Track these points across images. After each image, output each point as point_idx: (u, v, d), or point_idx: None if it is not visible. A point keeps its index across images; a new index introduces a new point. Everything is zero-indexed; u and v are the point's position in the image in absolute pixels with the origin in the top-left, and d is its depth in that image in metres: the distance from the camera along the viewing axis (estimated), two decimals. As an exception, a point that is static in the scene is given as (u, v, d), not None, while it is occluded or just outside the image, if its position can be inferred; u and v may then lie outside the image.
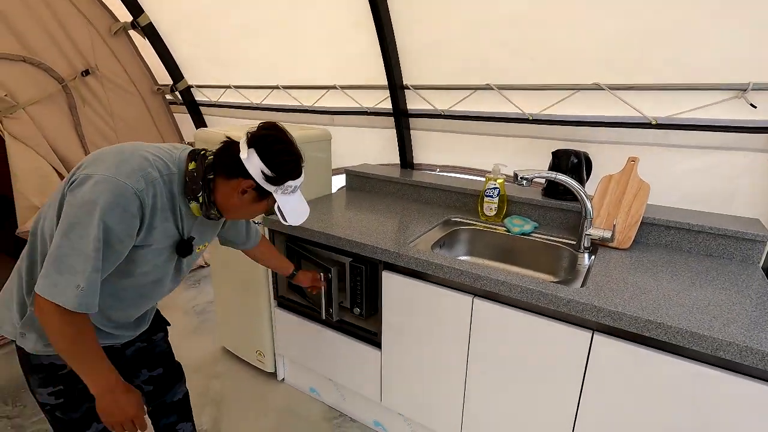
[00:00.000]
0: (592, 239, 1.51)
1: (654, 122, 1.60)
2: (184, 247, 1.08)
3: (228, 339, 2.27)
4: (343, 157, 2.52)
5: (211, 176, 1.03)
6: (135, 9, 2.62)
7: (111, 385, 0.98)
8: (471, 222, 1.80)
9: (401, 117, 2.15)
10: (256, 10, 2.29)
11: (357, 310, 1.68)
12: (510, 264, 1.72)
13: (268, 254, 1.53)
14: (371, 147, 2.51)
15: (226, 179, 1.03)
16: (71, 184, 0.93)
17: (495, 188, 1.74)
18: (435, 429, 1.59)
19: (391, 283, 1.52)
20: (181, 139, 3.12)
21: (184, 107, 3.10)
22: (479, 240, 1.77)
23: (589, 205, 1.48)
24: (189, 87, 3.01)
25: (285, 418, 1.89)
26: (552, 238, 1.64)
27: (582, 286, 1.24)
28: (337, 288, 1.66)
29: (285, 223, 1.12)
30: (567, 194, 1.73)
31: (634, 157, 1.58)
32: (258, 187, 1.03)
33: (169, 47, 2.83)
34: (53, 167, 2.36)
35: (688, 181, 1.64)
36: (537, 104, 1.85)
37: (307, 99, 2.54)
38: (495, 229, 1.74)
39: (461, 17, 1.77)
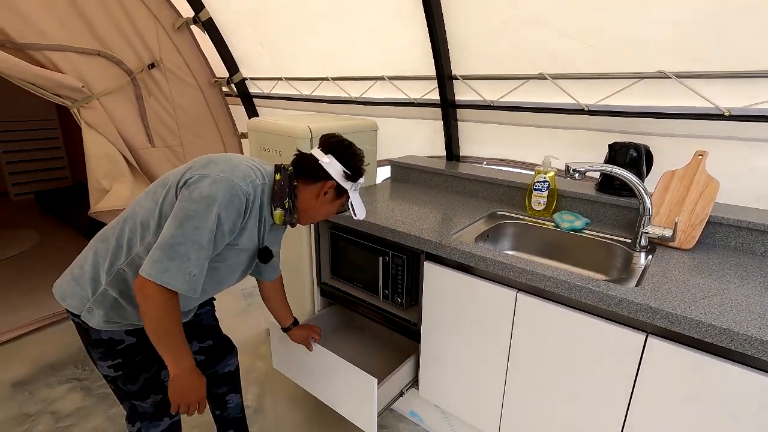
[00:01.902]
0: (650, 238, 1.41)
1: (727, 113, 1.47)
2: (264, 254, 1.22)
3: (273, 322, 2.35)
4: (389, 148, 2.52)
5: (295, 184, 1.19)
6: (197, 5, 2.76)
7: (189, 368, 1.07)
8: (518, 216, 1.75)
9: (449, 108, 2.12)
10: (308, 4, 2.33)
11: (397, 300, 1.68)
12: (557, 260, 1.65)
13: (278, 296, 1.54)
14: (417, 138, 2.50)
15: (309, 184, 1.19)
16: (185, 182, 1.04)
17: (545, 182, 1.67)
18: (472, 423, 1.57)
19: (432, 274, 1.51)
20: (235, 129, 3.26)
21: (238, 99, 3.23)
22: (526, 235, 1.71)
23: (648, 201, 1.39)
24: (243, 79, 3.13)
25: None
26: (605, 235, 1.55)
27: (637, 285, 1.17)
28: (382, 275, 1.67)
29: (355, 218, 1.29)
30: (623, 189, 1.63)
31: (702, 151, 1.46)
32: (338, 187, 1.20)
33: (226, 41, 2.95)
34: (121, 153, 2.55)
35: (766, 178, 1.49)
36: (593, 94, 1.75)
37: (355, 90, 2.56)
38: (543, 224, 1.68)
39: (514, 4, 1.71)
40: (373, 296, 1.78)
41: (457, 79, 2.06)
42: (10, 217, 4.27)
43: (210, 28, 2.86)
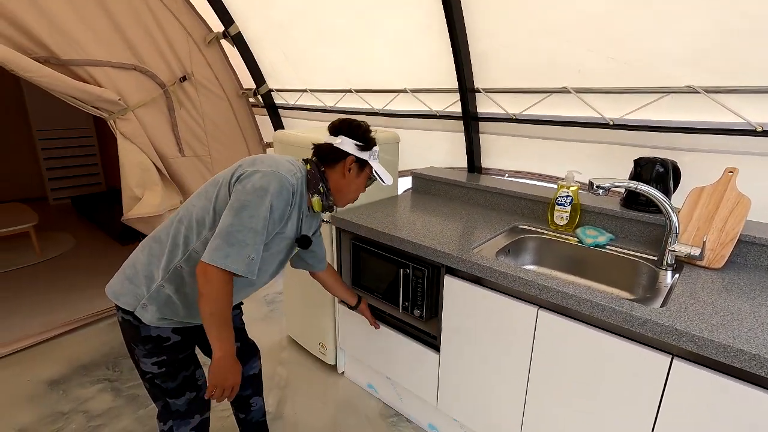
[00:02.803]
0: (676, 256, 1.38)
1: (759, 129, 1.43)
2: (304, 241, 1.31)
3: (294, 329, 2.40)
4: (410, 159, 2.54)
5: (323, 169, 1.30)
6: (226, 20, 2.86)
7: (231, 351, 1.14)
8: (540, 230, 1.73)
9: (470, 120, 2.13)
10: (333, 18, 2.39)
11: (417, 312, 1.69)
12: (580, 276, 1.63)
13: (335, 281, 1.70)
14: (438, 150, 2.51)
15: (333, 167, 1.31)
16: (238, 178, 1.15)
17: (568, 196, 1.66)
18: (491, 440, 1.56)
19: (452, 288, 1.51)
20: (260, 138, 3.35)
21: (264, 109, 3.32)
22: (548, 250, 1.70)
23: (675, 218, 1.36)
24: (270, 91, 3.22)
25: (343, 410, 1.96)
26: (630, 252, 1.53)
27: (662, 306, 1.15)
28: (402, 287, 1.69)
29: (384, 183, 1.38)
30: (649, 206, 1.60)
31: (732, 167, 1.42)
32: (357, 159, 1.31)
33: (254, 54, 3.05)
34: (153, 162, 2.65)
35: (801, 196, 1.44)
36: (618, 108, 1.74)
37: (377, 102, 2.60)
38: (565, 239, 1.67)
39: (537, 18, 1.71)
40: (393, 307, 1.80)
41: (479, 92, 2.07)
42: (49, 221, 4.48)
43: (239, 41, 2.96)
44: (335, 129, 1.33)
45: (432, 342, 1.67)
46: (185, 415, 1.29)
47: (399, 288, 1.71)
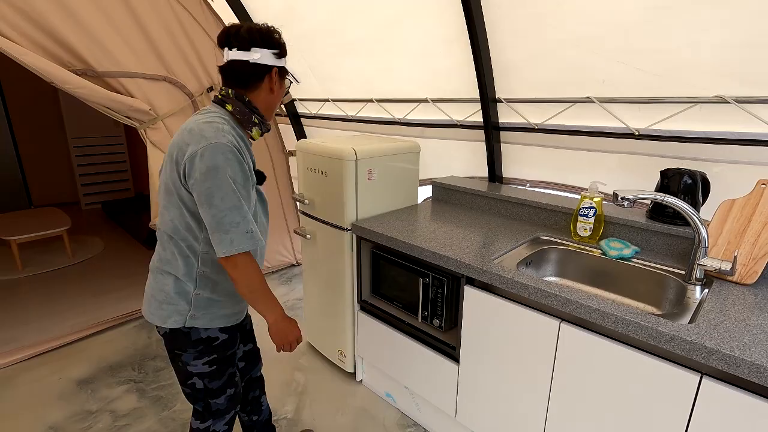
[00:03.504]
0: (706, 270, 1.34)
1: (794, 140, 1.38)
2: (260, 176, 1.28)
3: (313, 335, 2.42)
4: (430, 167, 2.55)
5: (247, 99, 1.18)
6: (252, 32, 2.94)
7: (282, 313, 1.24)
8: (562, 241, 1.71)
9: (492, 130, 2.12)
10: (356, 30, 2.43)
11: (436, 322, 1.69)
12: (603, 289, 1.60)
13: None
14: (458, 159, 2.51)
15: (258, 88, 1.19)
16: (186, 175, 1.10)
17: (591, 207, 1.63)
18: (511, 454, 1.54)
19: (472, 299, 1.51)
20: (282, 146, 3.41)
21: (287, 119, 3.39)
22: (570, 261, 1.67)
23: (704, 231, 1.32)
24: (293, 100, 3.29)
25: (361, 418, 1.96)
26: (656, 265, 1.49)
27: (690, 322, 1.12)
28: (422, 297, 1.69)
29: (298, 83, 1.33)
30: (677, 218, 1.56)
31: (765, 180, 1.38)
32: (279, 69, 1.21)
33: (278, 65, 3.12)
34: (180, 170, 2.74)
35: (839, 210, 1.38)
36: (644, 118, 1.71)
37: (398, 111, 2.63)
38: (589, 251, 1.64)
39: (562, 30, 1.70)
40: (412, 317, 1.80)
41: (501, 102, 2.07)
42: (80, 225, 4.66)
43: (264, 53, 3.04)
44: (246, 40, 1.13)
45: (451, 353, 1.66)
46: (224, 412, 1.35)
47: (418, 298, 1.71)
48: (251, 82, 1.18)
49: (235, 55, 1.14)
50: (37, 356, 2.36)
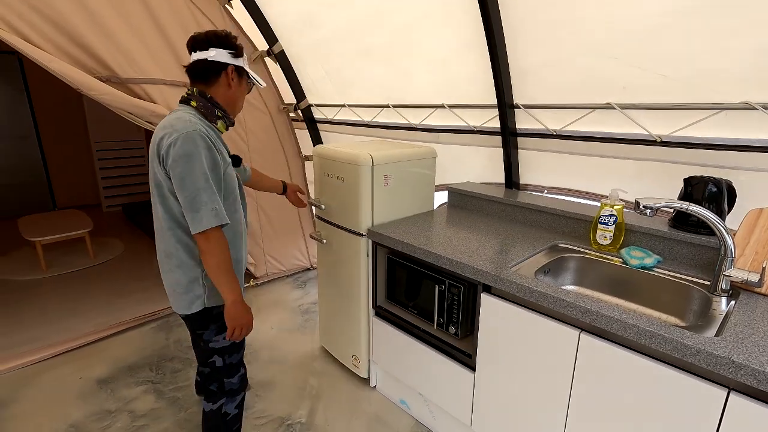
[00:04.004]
0: (732, 282, 1.30)
1: (826, 148, 1.34)
2: (235, 160, 1.46)
3: (327, 340, 2.42)
4: (445, 173, 2.54)
5: (208, 96, 1.35)
6: (271, 39, 2.99)
7: (240, 296, 1.35)
8: (581, 250, 1.68)
9: (509, 136, 2.11)
10: (374, 37, 2.45)
11: (452, 329, 1.67)
12: (624, 299, 1.56)
13: (260, 178, 1.91)
14: (474, 165, 2.50)
15: (216, 82, 1.36)
16: (166, 167, 1.25)
17: (612, 215, 1.60)
18: (528, 466, 1.51)
19: (489, 307, 1.49)
20: (299, 151, 3.45)
21: (303, 123, 3.42)
22: (589, 270, 1.64)
23: (730, 241, 1.29)
24: (309, 106, 3.32)
25: (374, 425, 1.95)
26: (679, 275, 1.45)
27: (717, 335, 1.09)
28: (437, 303, 1.68)
29: (261, 86, 1.53)
30: (701, 227, 1.52)
31: (795, 188, 1.33)
32: (236, 68, 1.38)
33: (295, 71, 3.16)
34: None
35: None
36: (667, 125, 1.67)
37: (414, 117, 2.63)
38: (609, 259, 1.61)
39: (583, 36, 1.68)
40: (428, 323, 1.79)
41: (519, 108, 2.05)
42: (101, 227, 4.77)
43: (281, 59, 3.08)
44: (205, 42, 1.32)
45: (467, 361, 1.65)
46: (236, 392, 1.50)
47: (434, 304, 1.70)
48: (210, 78, 1.35)
49: (196, 55, 1.34)
50: (60, 355, 2.41)
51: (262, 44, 3.04)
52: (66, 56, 2.30)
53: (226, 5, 2.85)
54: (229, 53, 1.35)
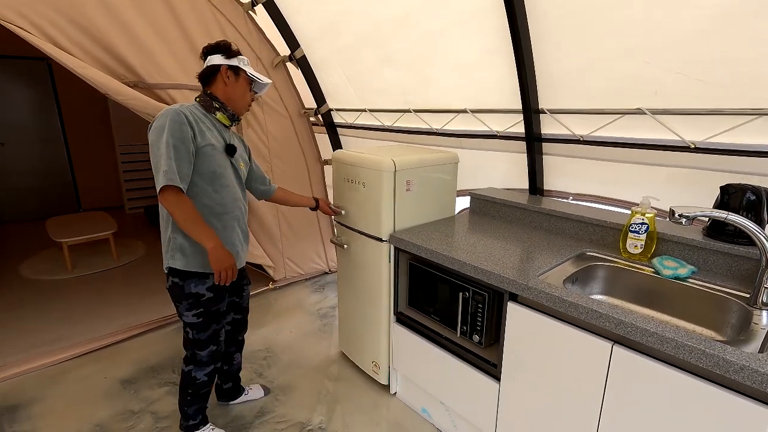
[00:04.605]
0: (774, 295, 1.25)
1: None
2: (229, 149, 1.60)
3: (347, 345, 2.41)
4: (466, 178, 2.51)
5: (209, 92, 1.60)
6: (293, 44, 3.01)
7: (218, 243, 1.48)
8: (610, 258, 1.64)
9: (534, 142, 2.08)
10: (397, 43, 2.45)
11: (476, 338, 1.65)
12: (656, 310, 1.52)
13: (288, 194, 2.00)
14: (496, 170, 2.47)
15: (214, 82, 1.59)
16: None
17: (643, 223, 1.56)
18: (555, 480, 1.47)
19: (516, 316, 1.46)
20: (318, 156, 3.46)
21: (323, 128, 3.44)
22: (619, 279, 1.60)
23: (771, 253, 1.23)
24: (329, 110, 3.34)
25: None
26: (716, 286, 1.40)
27: (761, 351, 1.04)
28: (461, 311, 1.66)
29: (263, 82, 1.68)
30: (738, 236, 1.47)
31: (842, 198, 1.27)
32: (230, 67, 1.58)
33: (316, 76, 3.18)
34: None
35: None
36: (701, 131, 1.62)
37: (436, 122, 2.61)
38: (640, 269, 1.56)
39: (614, 39, 1.65)
40: (450, 331, 1.76)
41: (544, 113, 2.02)
42: (124, 228, 4.88)
43: (303, 64, 3.10)
44: (204, 54, 1.60)
45: (491, 370, 1.62)
46: (204, 364, 1.69)
47: (458, 312, 1.68)
48: (210, 79, 1.60)
49: (206, 64, 1.60)
50: (85, 355, 2.46)
51: (284, 50, 3.07)
52: (95, 62, 2.36)
53: (250, 11, 2.89)
54: (222, 56, 1.58)
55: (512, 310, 1.47)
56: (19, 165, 5.07)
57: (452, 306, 1.72)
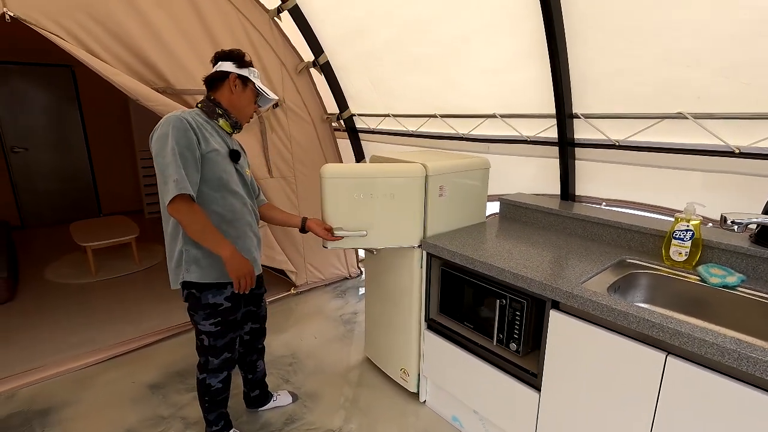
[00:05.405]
0: (834, 305, 1.20)
1: None
2: (233, 155, 1.57)
3: (373, 351, 2.39)
4: (493, 183, 2.48)
5: (213, 97, 1.57)
6: (317, 50, 3.02)
7: (234, 251, 1.47)
8: (653, 266, 1.60)
9: (567, 147, 2.05)
10: (425, 47, 2.44)
11: (513, 346, 1.62)
12: (703, 320, 1.47)
13: (275, 212, 1.89)
14: (523, 175, 2.44)
15: (220, 89, 1.56)
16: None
17: (688, 230, 1.52)
18: (599, 495, 1.42)
19: (559, 325, 1.42)
20: (340, 161, 3.46)
21: (345, 133, 3.44)
22: (663, 287, 1.56)
23: (832, 261, 1.19)
24: (352, 115, 3.34)
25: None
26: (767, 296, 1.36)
27: (831, 364, 0.99)
28: (497, 319, 1.63)
29: (269, 97, 1.64)
30: (790, 244, 1.42)
31: None
32: (239, 76, 1.55)
33: (339, 81, 3.18)
34: (246, 183, 2.83)
35: None
36: (746, 136, 1.58)
37: (462, 126, 2.60)
38: (684, 277, 1.52)
39: (655, 42, 1.62)
40: (485, 338, 1.73)
41: (578, 117, 1.99)
42: (144, 232, 4.92)
43: (326, 69, 3.11)
44: (216, 59, 1.57)
45: (530, 380, 1.58)
46: (217, 370, 1.67)
47: (494, 319, 1.65)
48: (215, 85, 1.57)
49: (215, 69, 1.57)
50: (112, 359, 2.47)
51: (308, 55, 3.08)
52: (126, 68, 2.39)
53: (275, 18, 2.91)
54: (233, 64, 1.55)
55: (555, 318, 1.43)
56: (42, 170, 5.16)
57: (487, 313, 1.69)
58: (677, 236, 1.54)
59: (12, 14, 2.03)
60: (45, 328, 2.78)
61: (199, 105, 1.57)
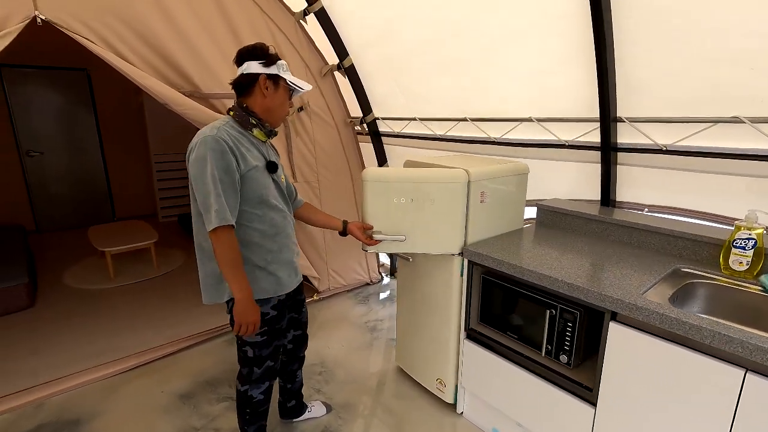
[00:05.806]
0: None
1: None
2: (270, 165, 1.49)
3: (406, 360, 2.33)
4: (528, 188, 2.44)
5: (245, 105, 1.46)
6: (342, 53, 2.99)
7: (249, 294, 1.42)
8: (711, 276, 1.54)
9: (609, 152, 1.99)
10: (453, 49, 2.39)
11: (563, 358, 1.56)
12: (766, 332, 1.41)
13: (316, 212, 1.84)
14: (559, 181, 2.39)
15: (251, 94, 1.45)
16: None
17: (750, 239, 1.46)
18: None
19: (620, 338, 1.37)
20: (362, 165, 3.42)
21: (368, 137, 3.40)
22: (723, 298, 1.50)
23: None
24: (375, 119, 3.29)
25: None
26: (842, 308, 1.30)
27: None
28: (547, 329, 1.57)
29: (303, 89, 1.52)
30: None
31: None
32: (269, 76, 1.43)
33: (364, 84, 3.14)
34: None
35: None
36: (807, 140, 1.53)
37: (494, 131, 2.55)
38: (746, 287, 1.46)
39: (708, 44, 1.57)
40: (532, 350, 1.68)
41: (623, 121, 1.94)
42: (160, 237, 4.88)
43: (351, 73, 3.07)
44: (239, 59, 1.44)
45: (584, 393, 1.52)
46: (259, 380, 1.61)
47: (543, 330, 1.60)
48: (246, 90, 1.45)
49: (238, 73, 1.44)
50: (139, 367, 2.43)
51: (333, 58, 3.04)
52: (154, 71, 2.35)
53: (301, 20, 2.87)
54: (260, 63, 1.42)
55: (615, 330, 1.38)
56: (57, 174, 5.13)
57: (534, 323, 1.64)
58: (738, 245, 1.49)
59: (43, 17, 2.00)
60: (69, 335, 2.74)
61: (231, 113, 1.47)
